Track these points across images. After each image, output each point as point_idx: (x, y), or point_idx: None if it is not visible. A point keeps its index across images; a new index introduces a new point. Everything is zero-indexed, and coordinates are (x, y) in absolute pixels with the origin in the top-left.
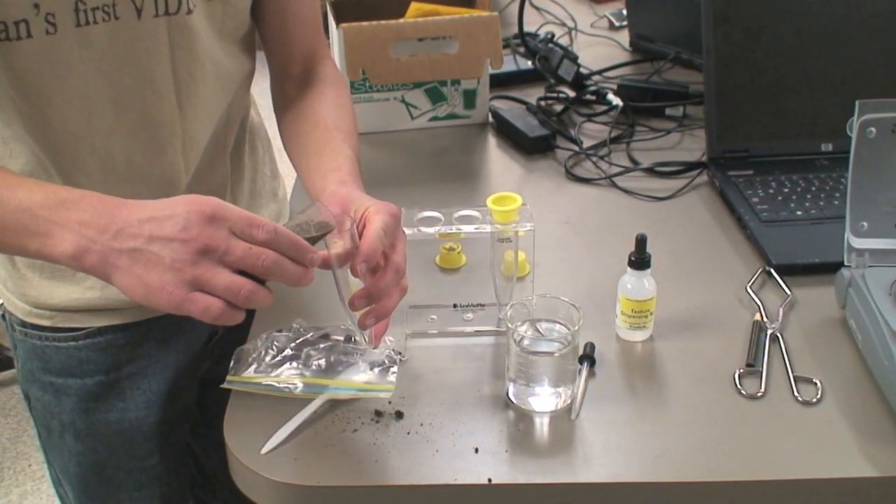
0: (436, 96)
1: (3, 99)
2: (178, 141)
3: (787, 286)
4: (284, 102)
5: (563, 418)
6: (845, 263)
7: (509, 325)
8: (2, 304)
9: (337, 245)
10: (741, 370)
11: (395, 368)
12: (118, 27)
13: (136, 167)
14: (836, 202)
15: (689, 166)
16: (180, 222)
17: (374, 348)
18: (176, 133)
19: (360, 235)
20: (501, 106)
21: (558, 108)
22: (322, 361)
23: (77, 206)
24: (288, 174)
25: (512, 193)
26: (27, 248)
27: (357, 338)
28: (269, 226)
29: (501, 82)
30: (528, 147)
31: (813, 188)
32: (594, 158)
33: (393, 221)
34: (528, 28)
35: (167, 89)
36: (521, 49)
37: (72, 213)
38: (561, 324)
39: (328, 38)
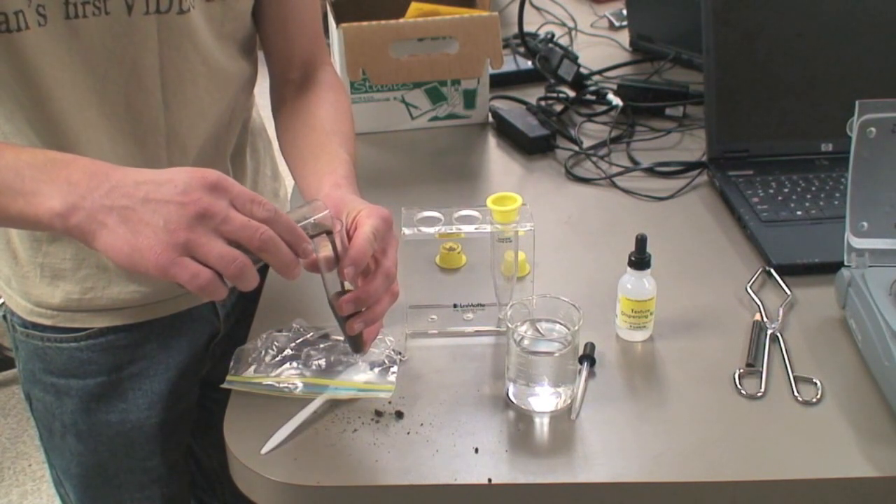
0: (436, 96)
1: (6, 92)
2: (160, 135)
3: (787, 286)
4: (283, 106)
5: (563, 418)
6: (845, 263)
7: (509, 325)
8: (3, 303)
9: (326, 248)
10: (741, 370)
11: (395, 368)
12: (108, 22)
13: (122, 160)
14: (836, 202)
15: (689, 166)
16: (180, 186)
17: (363, 354)
18: (159, 128)
19: (351, 239)
20: (501, 106)
21: (558, 108)
22: (322, 361)
23: (67, 166)
24: (289, 175)
25: (512, 193)
26: (9, 210)
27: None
28: (269, 205)
29: (501, 82)
30: (528, 147)
31: (813, 188)
32: (594, 158)
33: (384, 226)
34: (528, 28)
35: (153, 85)
36: (521, 49)
37: (61, 171)
38: (561, 324)
39: (328, 38)
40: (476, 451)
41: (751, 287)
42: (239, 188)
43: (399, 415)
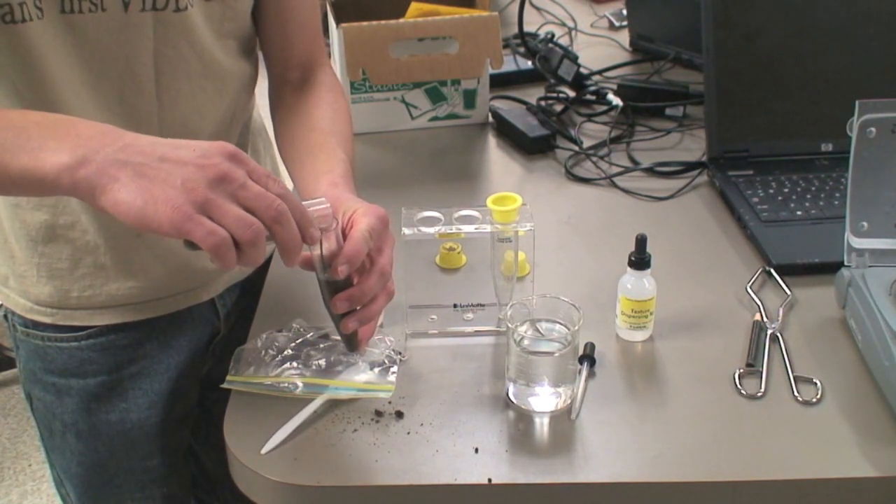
0: (436, 96)
1: (5, 83)
2: (153, 131)
3: (787, 286)
4: (281, 107)
5: (563, 418)
6: (845, 263)
7: (509, 325)
8: (1, 305)
9: (321, 246)
10: (741, 370)
11: (395, 368)
12: (104, 18)
13: None
14: (836, 202)
15: (689, 166)
16: (198, 151)
17: (360, 354)
18: (152, 122)
19: (346, 237)
20: (501, 106)
21: (558, 108)
22: (322, 361)
23: (77, 125)
24: (289, 176)
25: (512, 193)
26: (11, 168)
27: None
28: (283, 184)
29: (501, 82)
30: (528, 147)
31: (813, 188)
32: (594, 158)
33: (380, 224)
34: (528, 28)
35: (147, 80)
36: (521, 49)
37: (71, 128)
38: (561, 324)
39: (328, 38)
40: (476, 451)
41: (751, 287)
42: (255, 163)
43: (399, 415)
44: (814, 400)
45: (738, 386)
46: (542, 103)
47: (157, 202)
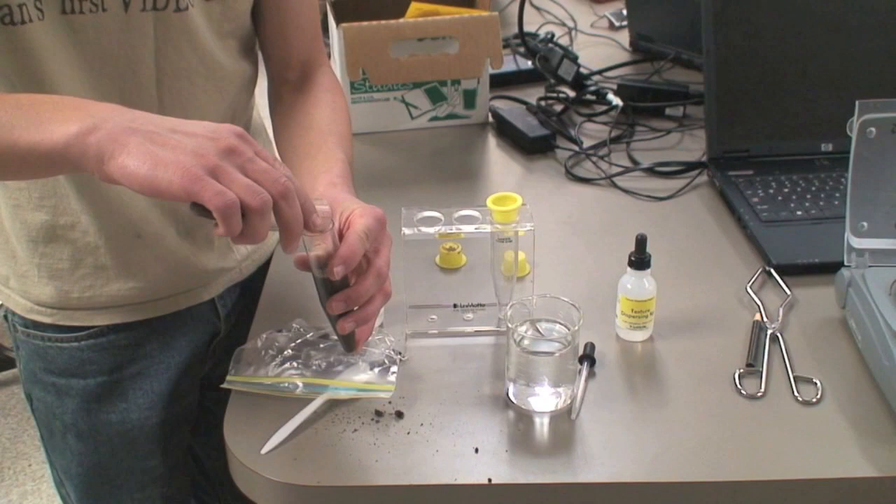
0: (436, 96)
1: (4, 85)
2: None
3: (787, 286)
4: (280, 107)
5: (563, 418)
6: (845, 263)
7: (509, 325)
8: (1, 305)
9: (318, 247)
10: (741, 370)
11: (395, 368)
12: (105, 19)
13: None
14: (836, 202)
15: (689, 166)
16: (209, 127)
17: (357, 354)
18: None
19: (343, 238)
20: (501, 106)
21: (558, 108)
22: (322, 361)
23: (86, 102)
24: None
25: (512, 193)
26: (20, 143)
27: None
28: (287, 168)
29: (501, 82)
30: (528, 147)
31: (813, 188)
32: (594, 158)
33: (377, 225)
34: (528, 28)
35: (148, 81)
36: (521, 49)
37: (80, 104)
38: (561, 324)
39: (328, 38)
40: (476, 451)
41: (751, 287)
42: (260, 146)
43: (399, 415)
44: (814, 400)
45: (738, 386)
46: (542, 103)
47: (168, 165)
